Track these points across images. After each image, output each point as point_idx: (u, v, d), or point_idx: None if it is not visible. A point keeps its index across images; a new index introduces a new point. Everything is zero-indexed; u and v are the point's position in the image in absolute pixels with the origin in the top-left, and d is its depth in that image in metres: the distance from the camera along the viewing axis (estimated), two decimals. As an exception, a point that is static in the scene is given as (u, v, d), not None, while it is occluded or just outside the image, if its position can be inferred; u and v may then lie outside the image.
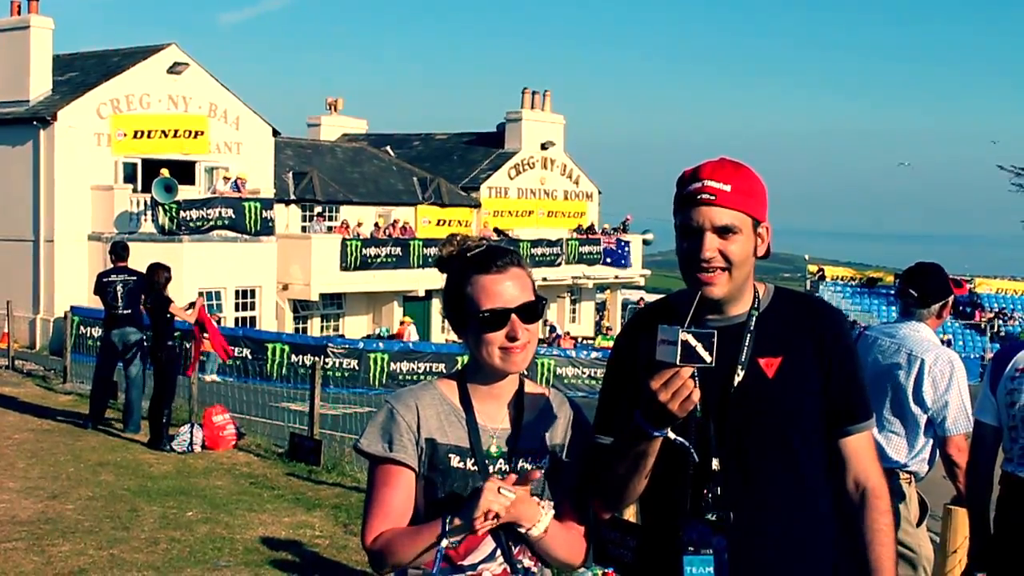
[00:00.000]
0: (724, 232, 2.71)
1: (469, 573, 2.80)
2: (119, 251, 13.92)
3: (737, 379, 2.76)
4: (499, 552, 2.82)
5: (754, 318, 2.82)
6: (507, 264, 2.83)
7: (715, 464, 2.73)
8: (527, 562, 2.85)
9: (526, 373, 2.96)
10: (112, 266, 13.89)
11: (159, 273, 12.75)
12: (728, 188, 2.71)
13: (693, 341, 2.44)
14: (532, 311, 2.83)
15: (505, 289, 2.80)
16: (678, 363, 2.45)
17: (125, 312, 13.44)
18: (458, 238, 2.95)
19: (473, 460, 2.82)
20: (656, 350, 2.50)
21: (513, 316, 2.79)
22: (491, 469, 2.81)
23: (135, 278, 13.50)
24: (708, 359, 2.45)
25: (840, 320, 2.91)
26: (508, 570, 2.82)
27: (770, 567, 2.75)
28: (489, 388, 2.88)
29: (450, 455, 2.81)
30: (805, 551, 2.79)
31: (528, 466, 2.84)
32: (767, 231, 2.80)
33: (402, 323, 37.67)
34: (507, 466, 2.83)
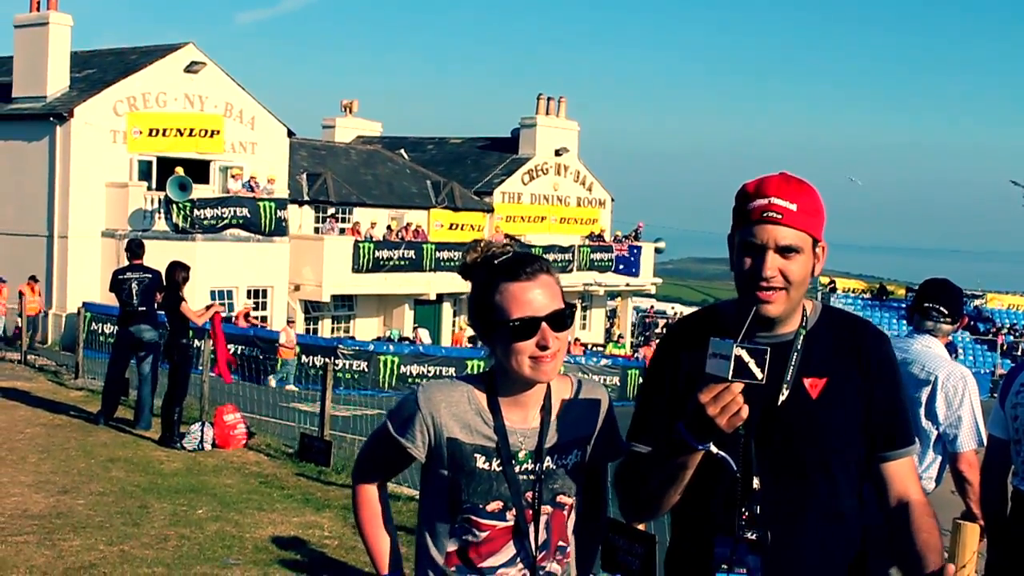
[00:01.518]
0: (786, 252, 2.67)
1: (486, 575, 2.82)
2: (135, 249, 13.96)
3: (781, 398, 2.72)
4: (520, 558, 2.82)
5: (801, 337, 2.78)
6: (536, 271, 2.79)
7: (755, 483, 2.70)
8: (554, 567, 2.87)
9: None
10: (128, 263, 13.93)
11: (177, 272, 12.80)
12: (795, 207, 2.67)
13: (747, 357, 2.42)
14: (562, 319, 2.78)
15: (535, 297, 2.75)
16: (729, 378, 2.42)
17: (140, 309, 13.48)
18: (482, 244, 2.90)
19: (499, 461, 2.80)
20: (707, 363, 2.47)
21: (543, 325, 2.75)
22: (517, 469, 2.81)
23: (150, 276, 13.55)
24: (760, 376, 2.42)
25: (886, 345, 2.86)
26: (527, 575, 2.82)
27: None
28: (519, 391, 2.85)
29: (476, 455, 2.80)
30: (839, 574, 2.78)
31: (553, 465, 2.84)
32: (823, 251, 2.77)
33: (460, 329, 38.00)
34: (533, 465, 2.83)
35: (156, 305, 13.52)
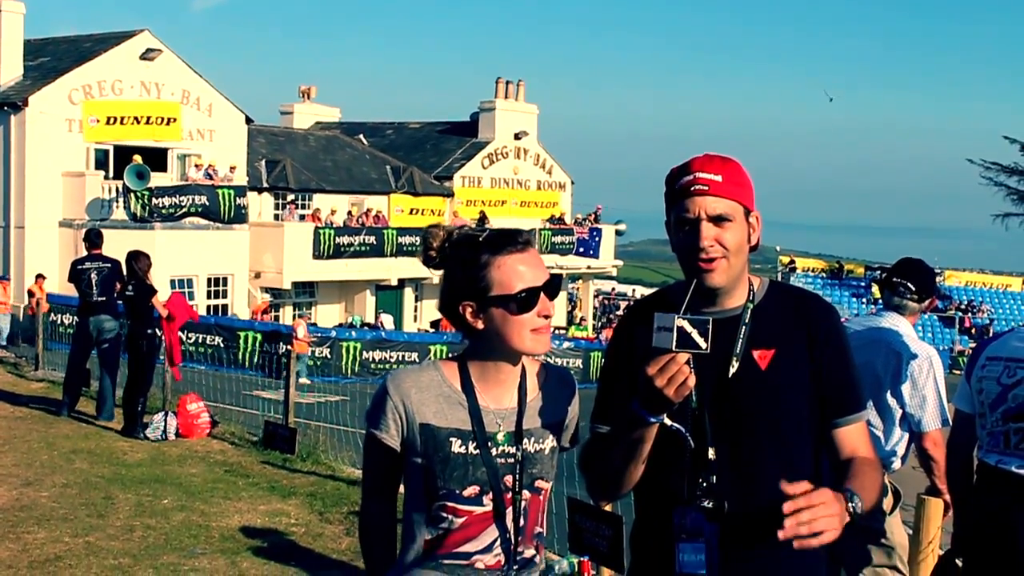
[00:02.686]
0: (719, 221, 2.75)
1: (462, 561, 2.80)
2: (93, 238, 13.84)
3: (732, 370, 2.79)
4: (498, 543, 2.81)
5: (749, 310, 2.85)
6: (527, 242, 2.83)
7: (711, 453, 2.76)
8: (530, 552, 2.86)
9: None
10: (86, 253, 13.81)
11: (141, 260, 12.68)
12: (719, 178, 2.76)
13: (689, 327, 2.47)
14: (556, 287, 2.84)
15: (532, 267, 2.78)
16: (674, 349, 2.47)
17: (99, 299, 13.37)
18: (441, 227, 2.91)
19: (475, 443, 2.78)
20: (652, 337, 2.52)
21: (542, 294, 2.78)
22: (495, 452, 2.79)
23: (109, 265, 13.44)
24: (704, 345, 2.48)
25: (833, 314, 2.94)
26: (502, 561, 2.81)
27: (759, 555, 2.78)
28: (496, 374, 2.84)
29: (451, 439, 2.78)
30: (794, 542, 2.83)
31: (532, 448, 2.83)
32: (757, 220, 2.85)
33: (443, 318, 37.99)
34: (512, 448, 2.81)
35: (116, 295, 13.42)
